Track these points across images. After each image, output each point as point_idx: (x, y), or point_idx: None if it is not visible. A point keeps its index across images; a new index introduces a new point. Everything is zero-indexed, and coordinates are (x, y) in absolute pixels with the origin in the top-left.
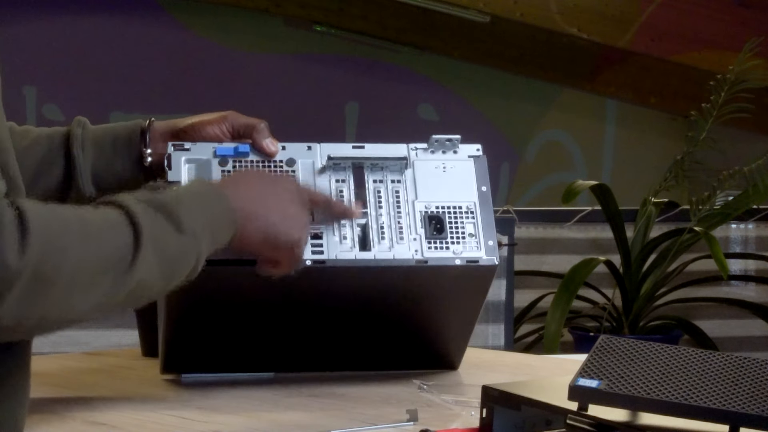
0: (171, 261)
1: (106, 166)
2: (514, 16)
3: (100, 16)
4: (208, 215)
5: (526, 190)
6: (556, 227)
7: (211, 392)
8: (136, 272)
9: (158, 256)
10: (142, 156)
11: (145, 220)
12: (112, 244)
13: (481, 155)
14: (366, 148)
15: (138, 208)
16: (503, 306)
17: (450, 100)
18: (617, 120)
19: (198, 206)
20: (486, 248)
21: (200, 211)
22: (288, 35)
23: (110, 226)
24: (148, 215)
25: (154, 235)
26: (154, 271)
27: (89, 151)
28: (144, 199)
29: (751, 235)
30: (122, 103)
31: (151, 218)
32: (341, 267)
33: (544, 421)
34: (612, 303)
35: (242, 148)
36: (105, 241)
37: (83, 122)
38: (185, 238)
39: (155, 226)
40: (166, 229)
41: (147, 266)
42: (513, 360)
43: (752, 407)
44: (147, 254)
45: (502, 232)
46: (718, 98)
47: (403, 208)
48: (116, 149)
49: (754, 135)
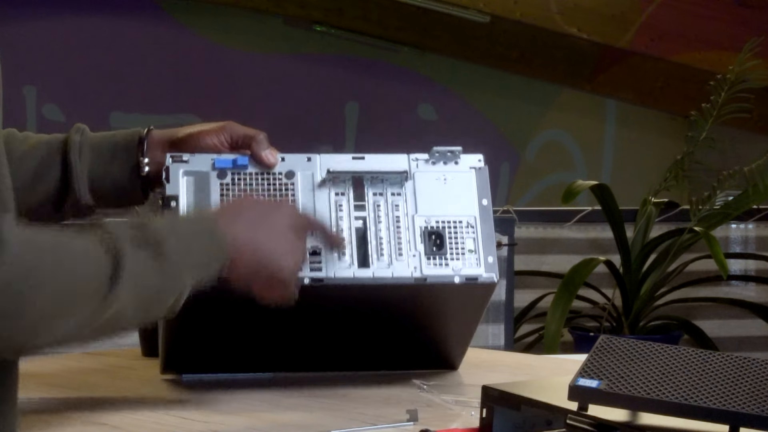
0: (149, 298)
1: (103, 173)
2: (514, 16)
3: (100, 16)
4: (197, 251)
5: (526, 190)
6: (556, 227)
7: (211, 392)
8: (111, 305)
9: (137, 292)
10: (139, 165)
11: (128, 254)
12: (88, 276)
13: (482, 166)
14: (366, 159)
15: (123, 241)
16: (503, 306)
17: (450, 100)
18: (617, 120)
19: (188, 243)
20: (486, 265)
21: (189, 247)
22: (288, 35)
23: (89, 256)
24: (133, 249)
25: (135, 270)
26: (131, 306)
27: (86, 158)
28: (133, 231)
29: (751, 235)
30: (122, 103)
31: (136, 253)
32: (339, 285)
33: (544, 421)
34: (612, 303)
35: (241, 161)
36: (81, 271)
37: (82, 129)
38: (168, 277)
39: (138, 261)
40: (149, 266)
41: (123, 301)
42: (513, 360)
43: (752, 407)
44: (124, 289)
45: (502, 232)
46: (718, 98)
47: (403, 223)
48: (113, 156)
49: (754, 135)
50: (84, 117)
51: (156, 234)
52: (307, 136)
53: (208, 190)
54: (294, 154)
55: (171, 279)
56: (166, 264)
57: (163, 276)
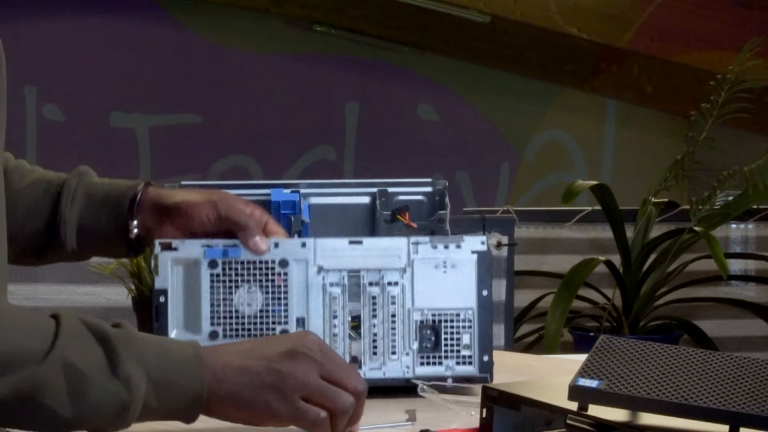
0: (85, 400)
1: (92, 223)
2: (514, 16)
3: (100, 16)
4: (164, 371)
5: (526, 190)
6: (556, 227)
7: None
8: (29, 387)
9: (70, 386)
10: (127, 226)
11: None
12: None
13: (485, 250)
14: (364, 244)
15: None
16: (503, 306)
17: (450, 100)
18: (617, 120)
19: (155, 357)
20: (480, 364)
21: (154, 364)
22: (288, 35)
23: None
24: (81, 340)
25: (72, 362)
26: (58, 397)
27: (78, 205)
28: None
29: (751, 235)
30: (122, 103)
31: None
32: None
33: (544, 421)
34: (612, 303)
35: (233, 253)
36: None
37: (83, 173)
38: (114, 383)
39: (83, 355)
40: (95, 363)
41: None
42: (513, 360)
43: (752, 407)
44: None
45: (502, 232)
46: (718, 98)
47: (398, 316)
48: (104, 210)
49: (754, 135)
50: (84, 117)
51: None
52: (307, 136)
53: (199, 281)
54: (288, 240)
55: (117, 386)
56: (118, 369)
57: (109, 380)
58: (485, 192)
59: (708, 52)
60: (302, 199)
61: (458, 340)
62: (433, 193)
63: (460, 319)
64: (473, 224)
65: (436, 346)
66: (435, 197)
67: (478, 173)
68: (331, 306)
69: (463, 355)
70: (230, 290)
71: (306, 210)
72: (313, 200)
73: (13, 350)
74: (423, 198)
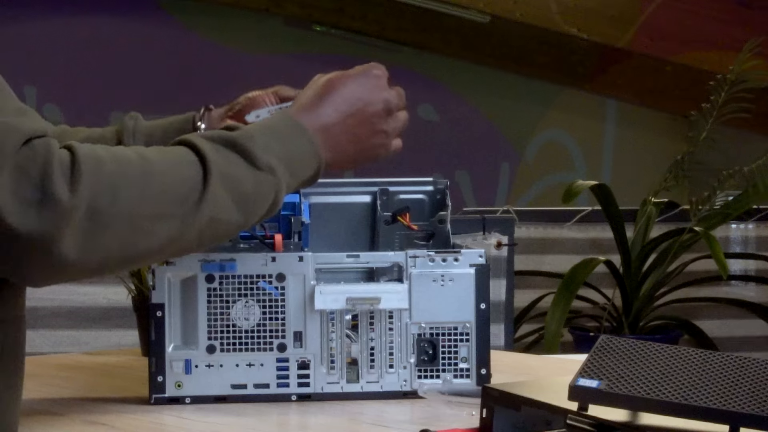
0: (246, 198)
1: None
2: (514, 16)
3: (100, 16)
4: (285, 149)
5: (526, 190)
6: (556, 227)
7: None
8: (206, 210)
9: (231, 193)
10: None
11: (214, 157)
12: (176, 182)
13: (483, 263)
14: (361, 257)
15: (207, 146)
16: (503, 306)
17: (450, 100)
18: (617, 120)
19: (273, 141)
20: (478, 378)
21: (276, 145)
22: (288, 35)
23: (175, 164)
24: (219, 152)
25: (224, 171)
26: (228, 209)
27: (140, 142)
28: (215, 138)
29: (751, 235)
30: (122, 103)
31: (223, 155)
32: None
33: (544, 422)
34: (612, 303)
35: (229, 268)
36: (168, 179)
37: (135, 116)
38: (261, 174)
39: (227, 163)
40: (239, 166)
41: (218, 203)
42: (513, 360)
43: (752, 407)
44: (217, 191)
45: (502, 232)
46: (718, 98)
47: (396, 329)
48: (167, 138)
49: (754, 135)
50: (83, 117)
51: (238, 138)
52: None
53: (196, 293)
54: (285, 254)
55: (265, 176)
56: (258, 162)
57: (256, 174)
58: (485, 192)
59: (708, 52)
60: (303, 198)
61: (456, 354)
62: (434, 193)
63: (457, 332)
64: (473, 224)
65: (433, 359)
66: (436, 196)
67: (478, 173)
68: (328, 323)
69: (461, 368)
70: (227, 304)
71: (306, 210)
72: (314, 199)
73: (176, 184)
74: (424, 197)
